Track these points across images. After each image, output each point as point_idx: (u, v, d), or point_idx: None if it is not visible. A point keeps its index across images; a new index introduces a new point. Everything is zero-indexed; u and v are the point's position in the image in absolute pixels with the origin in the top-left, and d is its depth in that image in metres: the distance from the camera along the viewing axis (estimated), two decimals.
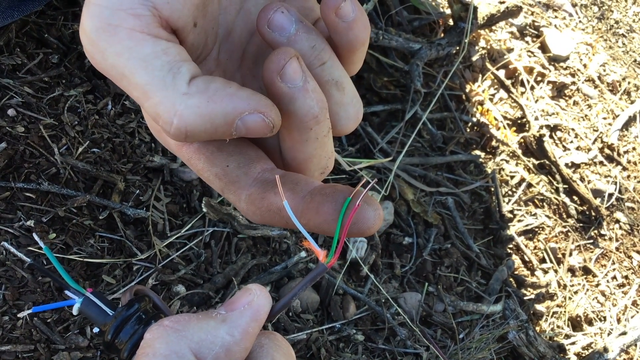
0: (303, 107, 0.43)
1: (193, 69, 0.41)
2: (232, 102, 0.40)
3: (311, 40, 0.45)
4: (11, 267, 1.03)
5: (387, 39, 1.63)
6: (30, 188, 1.09)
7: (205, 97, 0.39)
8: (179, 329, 0.42)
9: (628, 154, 2.22)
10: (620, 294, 1.90)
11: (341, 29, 0.45)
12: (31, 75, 1.18)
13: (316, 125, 0.44)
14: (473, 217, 1.76)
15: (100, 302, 0.47)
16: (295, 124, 0.44)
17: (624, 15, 2.68)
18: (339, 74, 0.47)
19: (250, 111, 0.40)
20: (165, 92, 0.39)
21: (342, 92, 0.47)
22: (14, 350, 0.99)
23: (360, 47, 0.47)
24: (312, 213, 0.44)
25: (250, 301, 0.44)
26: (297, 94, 0.42)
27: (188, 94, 0.39)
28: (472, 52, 2.05)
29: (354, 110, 0.48)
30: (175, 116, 0.39)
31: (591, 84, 2.30)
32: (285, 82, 0.42)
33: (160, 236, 1.19)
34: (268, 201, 0.46)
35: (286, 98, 0.43)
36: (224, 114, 0.40)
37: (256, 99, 0.41)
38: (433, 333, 1.46)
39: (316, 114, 0.44)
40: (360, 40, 0.46)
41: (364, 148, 1.63)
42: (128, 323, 0.45)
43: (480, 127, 1.92)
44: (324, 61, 0.46)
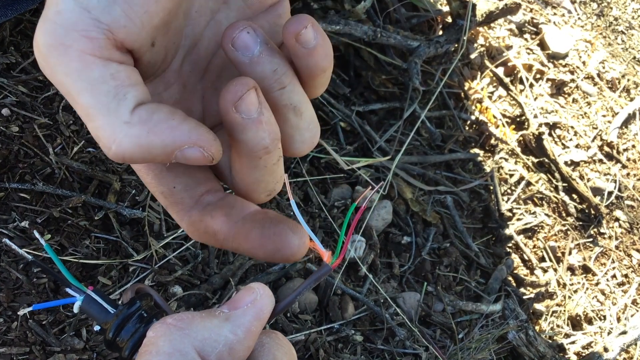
0: (255, 138, 0.43)
1: (140, 95, 0.40)
2: (172, 135, 0.40)
3: (274, 64, 0.44)
4: (6, 269, 1.02)
5: (385, 37, 1.62)
6: (25, 188, 1.08)
7: (146, 128, 0.39)
8: (182, 327, 0.42)
9: (627, 152, 2.21)
10: (620, 293, 1.89)
11: (301, 55, 0.45)
12: (25, 74, 1.17)
13: (266, 155, 0.45)
14: (472, 215, 1.76)
15: (102, 300, 0.46)
16: (245, 152, 0.44)
17: (623, 12, 2.67)
18: (298, 99, 0.46)
19: (189, 145, 0.41)
20: (108, 118, 0.39)
21: (300, 117, 0.47)
22: (9, 353, 0.98)
23: (321, 73, 0.47)
24: (241, 238, 0.46)
25: (253, 300, 0.45)
26: (251, 125, 0.42)
27: (129, 123, 0.39)
28: (470, 49, 2.04)
29: (310, 135, 0.49)
30: (114, 143, 0.39)
31: (590, 81, 2.29)
32: (239, 113, 0.42)
33: (156, 237, 1.18)
34: (205, 224, 0.47)
35: (239, 128, 0.43)
36: (163, 146, 0.40)
37: (197, 134, 0.41)
38: (432, 333, 1.45)
39: (267, 145, 0.44)
40: (321, 67, 0.46)
41: (362, 147, 1.62)
42: (129, 321, 0.45)
43: (479, 125, 1.91)
44: (283, 85, 0.45)
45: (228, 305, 0.45)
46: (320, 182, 1.49)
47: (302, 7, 1.57)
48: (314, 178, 1.46)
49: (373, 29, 1.58)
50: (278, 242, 0.45)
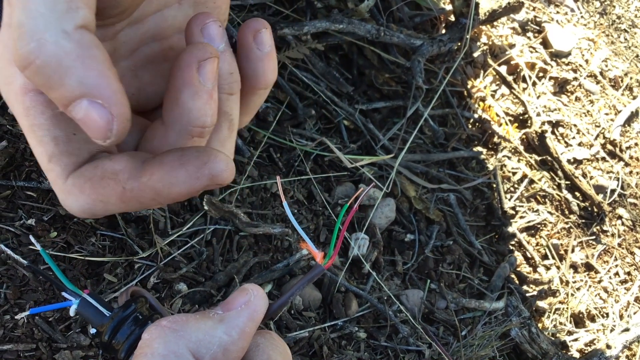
0: (201, 109, 0.41)
1: (90, 19, 0.36)
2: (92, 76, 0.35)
3: (232, 67, 0.43)
4: (12, 266, 1.03)
5: (388, 35, 1.62)
6: (31, 186, 1.08)
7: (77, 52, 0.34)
8: (176, 329, 0.42)
9: (630, 150, 2.21)
10: (623, 290, 1.90)
11: (253, 58, 0.44)
12: None
13: (198, 138, 0.42)
14: (475, 213, 1.76)
15: (97, 303, 0.47)
16: (182, 124, 0.41)
17: (625, 11, 2.67)
18: (235, 114, 0.45)
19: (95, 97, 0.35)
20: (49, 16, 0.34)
21: (230, 132, 0.45)
22: (16, 349, 0.99)
23: (262, 89, 0.45)
24: (154, 167, 0.40)
25: (247, 301, 0.45)
26: (204, 93, 0.40)
27: (67, 35, 0.34)
28: (473, 48, 2.04)
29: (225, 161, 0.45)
30: (35, 43, 0.34)
31: (593, 79, 2.29)
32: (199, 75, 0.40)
33: (161, 234, 1.19)
34: (102, 168, 0.41)
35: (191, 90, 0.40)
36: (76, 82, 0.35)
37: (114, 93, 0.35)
38: (435, 330, 1.46)
39: (207, 124, 0.41)
40: (266, 79, 0.45)
41: (365, 145, 1.63)
42: (125, 324, 0.46)
43: (482, 124, 1.92)
44: (232, 92, 0.44)
45: (222, 307, 0.45)
46: (324, 180, 1.49)
47: (306, 6, 1.58)
48: (317, 176, 1.47)
49: (376, 27, 1.59)
50: (203, 157, 0.39)
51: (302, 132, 1.50)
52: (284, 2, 1.58)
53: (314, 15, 1.58)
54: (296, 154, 1.46)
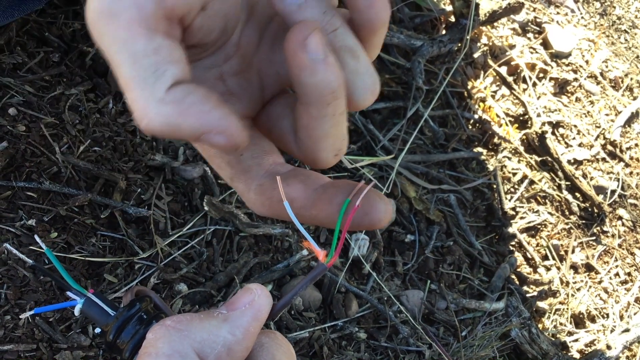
0: (323, 81, 0.42)
1: (179, 73, 0.40)
2: (200, 119, 0.40)
3: (322, 7, 0.44)
4: (13, 267, 1.03)
5: (388, 36, 1.63)
6: (32, 187, 1.09)
7: (177, 109, 0.40)
8: (181, 329, 0.42)
9: (630, 151, 2.21)
10: (623, 291, 1.90)
11: (361, 7, 0.45)
12: (32, 74, 1.18)
13: (334, 101, 0.44)
14: (475, 214, 1.76)
15: (102, 303, 0.47)
16: (313, 99, 0.44)
17: (626, 12, 2.67)
18: (352, 42, 0.46)
19: (216, 132, 0.41)
20: (143, 92, 0.39)
21: (357, 60, 0.46)
22: (16, 350, 0.99)
23: (381, 27, 0.46)
24: (324, 203, 0.45)
25: (251, 301, 0.45)
26: (319, 66, 0.42)
27: (163, 100, 0.39)
28: (473, 48, 2.04)
29: (371, 80, 0.47)
30: (146, 118, 0.40)
31: (593, 80, 2.29)
32: (307, 54, 0.41)
33: (162, 235, 1.19)
34: (278, 192, 0.46)
35: (307, 70, 0.42)
36: (191, 129, 0.40)
37: (226, 122, 0.41)
38: (435, 331, 1.46)
39: (335, 88, 0.43)
40: (381, 19, 0.45)
41: (365, 146, 1.63)
42: (130, 323, 0.46)
43: (482, 124, 1.92)
44: (336, 27, 0.45)
45: (226, 307, 0.45)
46: None
47: None
48: None
49: None
50: (366, 206, 0.44)
51: None
52: None
53: None
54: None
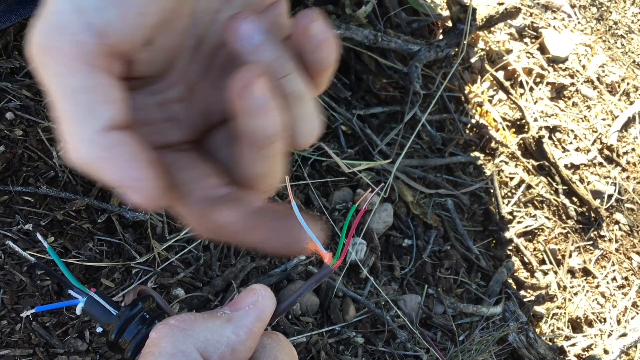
0: (263, 126, 0.43)
1: (114, 115, 0.40)
2: (123, 174, 0.41)
3: (276, 51, 0.44)
4: (10, 271, 1.03)
5: (385, 41, 1.63)
6: (29, 191, 1.08)
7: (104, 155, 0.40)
8: (185, 328, 0.42)
9: (627, 155, 2.22)
10: (620, 295, 1.90)
11: (309, 49, 0.45)
12: (29, 78, 1.18)
13: (271, 145, 0.45)
14: (472, 218, 1.76)
15: (104, 302, 0.47)
16: (252, 141, 0.44)
17: (622, 16, 2.68)
18: (300, 88, 0.46)
19: (133, 190, 0.41)
20: (75, 129, 0.40)
21: (303, 106, 0.47)
22: (13, 355, 0.99)
23: (328, 69, 0.47)
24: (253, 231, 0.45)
25: (255, 301, 0.45)
26: (261, 111, 0.42)
27: (94, 142, 0.40)
28: (471, 53, 2.05)
29: (313, 124, 0.48)
30: (74, 153, 0.40)
31: (590, 85, 2.30)
32: (249, 100, 0.42)
33: (159, 239, 1.19)
34: (213, 218, 0.46)
35: (247, 114, 0.43)
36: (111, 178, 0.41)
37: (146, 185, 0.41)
38: (433, 335, 1.46)
39: (276, 132, 0.44)
40: (327, 63, 0.46)
41: (363, 150, 1.63)
42: (132, 323, 0.46)
43: (479, 129, 1.92)
44: (287, 73, 0.45)
45: (230, 307, 0.45)
46: (321, 186, 1.50)
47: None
48: (315, 181, 1.47)
49: (374, 33, 1.59)
50: (294, 234, 0.44)
51: None
52: None
53: None
54: (294, 159, 1.46)
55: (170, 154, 0.49)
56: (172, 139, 0.50)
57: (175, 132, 0.50)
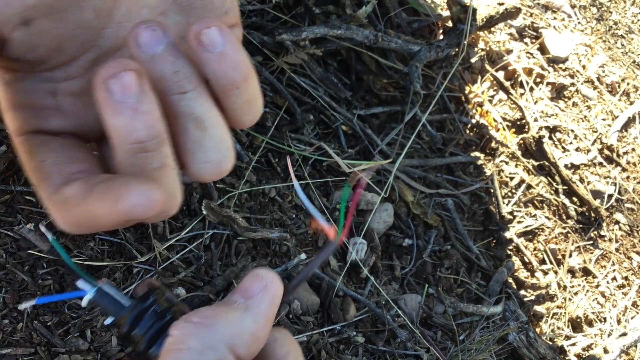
0: (127, 127, 0.39)
1: None
2: None
3: (176, 66, 0.41)
4: (11, 270, 1.03)
5: (386, 41, 1.63)
6: (30, 191, 1.09)
7: None
8: (210, 324, 0.42)
9: (627, 155, 2.22)
10: (620, 295, 1.90)
11: (206, 60, 0.42)
12: None
13: (142, 153, 0.40)
14: (473, 218, 1.77)
15: (116, 293, 0.47)
16: (118, 144, 0.41)
17: (622, 17, 2.69)
18: (201, 111, 0.42)
19: None
20: None
21: (203, 132, 0.43)
22: (15, 354, 0.99)
23: (232, 89, 0.43)
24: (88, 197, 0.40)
25: (264, 286, 0.45)
26: (124, 110, 0.39)
27: None
28: (471, 53, 2.05)
29: (216, 157, 0.44)
30: None
31: (590, 85, 2.30)
32: (109, 93, 0.39)
33: (160, 239, 1.19)
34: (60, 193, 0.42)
35: (110, 110, 0.39)
36: None
37: None
38: (433, 335, 1.46)
39: (142, 139, 0.39)
40: (230, 79, 0.42)
41: (363, 150, 1.63)
42: (145, 315, 0.46)
43: (479, 129, 1.92)
44: (184, 90, 0.42)
45: (240, 294, 0.44)
46: (322, 185, 1.50)
47: (304, 12, 1.58)
48: (315, 181, 1.47)
49: (374, 33, 1.60)
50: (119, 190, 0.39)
51: (301, 137, 1.51)
52: (283, 9, 1.59)
53: (312, 21, 1.59)
54: (294, 158, 1.46)
55: (42, 136, 0.46)
56: (51, 126, 0.46)
57: (57, 120, 0.46)
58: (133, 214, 0.38)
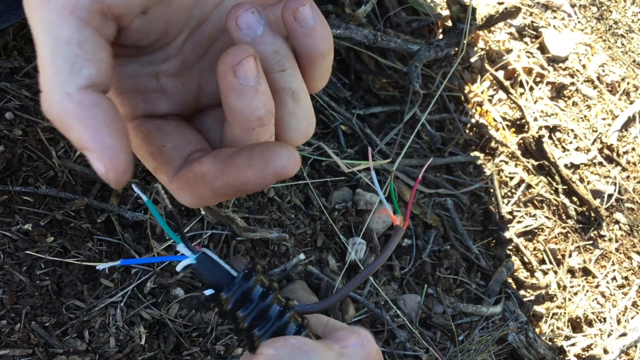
0: (250, 106, 0.44)
1: (97, 75, 0.40)
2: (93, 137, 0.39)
3: (275, 46, 0.45)
4: (9, 271, 1.03)
5: (385, 41, 1.63)
6: (28, 191, 1.08)
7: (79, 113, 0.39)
8: (307, 352, 0.45)
9: (627, 155, 2.21)
10: (620, 295, 1.90)
11: (299, 35, 0.45)
12: (29, 78, 1.18)
13: (259, 128, 0.45)
14: (472, 218, 1.76)
15: (222, 262, 0.48)
16: (239, 121, 0.45)
17: (623, 16, 2.68)
18: (296, 85, 0.47)
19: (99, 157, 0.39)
20: (56, 79, 0.39)
21: (297, 103, 0.47)
22: (12, 355, 0.99)
23: (320, 58, 0.47)
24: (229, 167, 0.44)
25: (361, 343, 0.49)
26: (247, 92, 0.43)
27: (70, 97, 0.39)
28: (470, 53, 2.05)
29: (306, 124, 0.49)
30: (47, 103, 0.39)
31: (590, 84, 2.30)
32: (237, 78, 0.42)
33: (158, 239, 1.19)
34: (193, 172, 0.46)
35: (235, 93, 0.43)
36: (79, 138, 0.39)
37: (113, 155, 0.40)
38: (432, 335, 1.46)
39: (261, 115, 0.44)
40: (319, 50, 0.46)
41: (362, 150, 1.63)
42: (250, 295, 0.47)
43: (479, 128, 1.92)
44: (284, 68, 0.46)
45: (338, 342, 0.49)
46: (321, 185, 1.50)
47: None
48: (314, 181, 1.47)
49: (374, 32, 1.59)
50: (267, 156, 0.43)
51: None
52: None
53: None
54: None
55: (155, 121, 0.49)
56: (160, 109, 0.50)
57: (164, 103, 0.50)
58: (282, 175, 0.43)
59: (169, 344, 1.12)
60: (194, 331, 1.15)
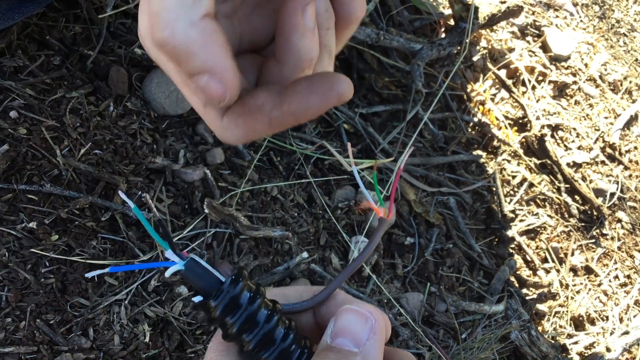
0: (308, 47, 0.48)
1: (211, 6, 0.43)
2: (215, 60, 0.43)
3: (327, 4, 0.50)
4: (14, 269, 1.04)
5: (388, 40, 1.63)
6: (33, 190, 1.09)
7: (202, 39, 0.42)
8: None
9: (630, 153, 2.21)
10: (623, 294, 1.90)
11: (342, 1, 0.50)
12: (33, 77, 1.18)
13: (308, 69, 0.49)
14: (475, 217, 1.76)
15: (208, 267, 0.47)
16: (293, 61, 0.48)
17: (625, 15, 2.68)
18: (333, 44, 0.52)
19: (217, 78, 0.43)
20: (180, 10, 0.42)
21: (330, 61, 0.52)
22: (17, 352, 0.99)
23: (354, 23, 0.52)
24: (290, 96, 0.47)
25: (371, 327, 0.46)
26: (308, 33, 0.47)
27: (194, 25, 0.42)
28: (473, 52, 2.05)
29: None
30: (169, 30, 0.42)
31: (592, 83, 2.30)
32: (304, 18, 0.46)
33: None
34: (248, 104, 0.48)
35: (298, 33, 0.47)
36: (201, 62, 0.43)
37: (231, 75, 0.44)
38: (435, 333, 1.46)
39: (314, 57, 0.48)
40: (355, 15, 0.51)
41: (365, 148, 1.63)
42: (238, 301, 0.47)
43: (481, 127, 1.92)
44: (329, 27, 0.50)
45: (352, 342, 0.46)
46: (324, 184, 1.50)
47: None
48: (317, 179, 1.47)
49: (376, 31, 1.60)
50: (328, 83, 0.46)
51: (302, 135, 1.51)
52: None
53: None
54: (296, 157, 1.46)
55: None
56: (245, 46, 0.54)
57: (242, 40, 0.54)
58: (342, 98, 0.46)
59: (173, 341, 1.12)
60: (198, 329, 1.15)
